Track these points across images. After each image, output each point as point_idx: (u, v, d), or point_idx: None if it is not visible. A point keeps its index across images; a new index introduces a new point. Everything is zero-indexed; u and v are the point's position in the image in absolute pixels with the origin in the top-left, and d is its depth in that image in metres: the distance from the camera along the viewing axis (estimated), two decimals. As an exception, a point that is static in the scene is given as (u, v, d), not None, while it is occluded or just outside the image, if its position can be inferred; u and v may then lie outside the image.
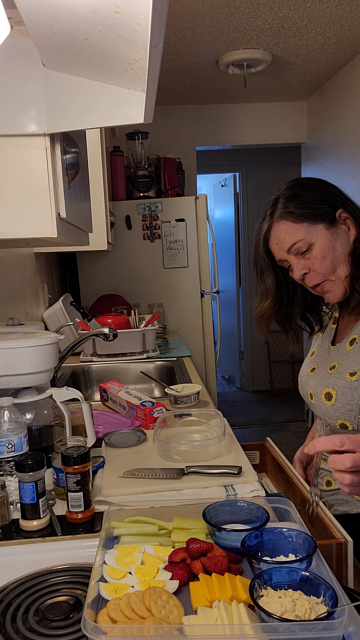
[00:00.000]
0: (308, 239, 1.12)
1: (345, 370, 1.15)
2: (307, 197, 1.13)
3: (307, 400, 1.30)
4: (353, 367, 1.13)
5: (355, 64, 3.24)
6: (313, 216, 1.12)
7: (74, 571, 0.83)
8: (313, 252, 1.12)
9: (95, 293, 3.23)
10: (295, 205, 1.13)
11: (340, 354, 1.19)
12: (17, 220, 0.93)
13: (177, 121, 3.98)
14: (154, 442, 1.24)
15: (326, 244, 1.12)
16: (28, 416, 1.17)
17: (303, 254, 1.13)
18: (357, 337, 1.16)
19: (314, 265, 1.13)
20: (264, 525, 0.83)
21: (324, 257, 1.12)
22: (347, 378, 1.13)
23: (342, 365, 1.17)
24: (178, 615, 0.67)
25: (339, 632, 0.61)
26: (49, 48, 0.78)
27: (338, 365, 1.18)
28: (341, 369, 1.16)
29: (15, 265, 2.06)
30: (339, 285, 1.14)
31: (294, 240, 1.12)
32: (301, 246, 1.12)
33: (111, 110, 0.84)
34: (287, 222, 1.13)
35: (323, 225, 1.12)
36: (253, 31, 2.76)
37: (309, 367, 1.31)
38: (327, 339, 1.29)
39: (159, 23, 0.59)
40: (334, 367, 1.18)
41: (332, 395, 1.15)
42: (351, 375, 1.13)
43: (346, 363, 1.16)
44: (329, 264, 1.12)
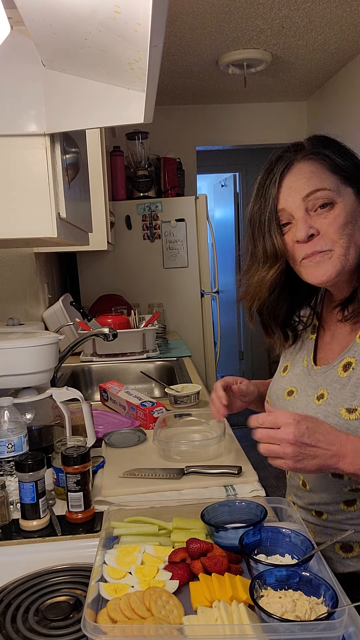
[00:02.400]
0: (334, 194, 0.89)
1: (339, 404, 0.92)
2: (346, 149, 0.94)
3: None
4: (350, 402, 0.91)
5: (355, 64, 3.24)
6: (347, 173, 0.91)
7: (74, 571, 0.83)
8: (335, 211, 0.89)
9: (95, 293, 3.23)
10: (332, 150, 0.92)
11: (330, 380, 0.96)
12: (17, 220, 0.93)
13: (177, 121, 3.98)
14: (154, 442, 1.24)
15: (351, 210, 0.91)
16: (28, 416, 1.17)
17: (318, 212, 0.90)
18: (354, 361, 0.93)
19: (331, 228, 0.89)
20: (262, 522, 0.83)
21: (345, 224, 0.89)
22: (344, 415, 0.90)
23: (334, 397, 0.94)
24: (178, 615, 0.67)
25: (339, 632, 0.61)
26: (49, 48, 0.78)
27: (328, 396, 0.94)
28: (333, 401, 0.93)
29: (15, 265, 2.06)
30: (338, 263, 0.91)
31: (319, 186, 0.89)
32: (324, 197, 0.89)
33: (111, 110, 0.84)
34: (318, 164, 0.91)
35: (352, 190, 0.92)
36: (253, 31, 2.76)
37: (284, 389, 1.06)
38: (304, 352, 1.05)
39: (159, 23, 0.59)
40: (322, 396, 0.96)
41: None
42: (350, 412, 0.90)
43: (340, 394, 0.93)
44: (347, 234, 0.90)
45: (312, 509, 1.02)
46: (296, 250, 0.93)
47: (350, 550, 0.99)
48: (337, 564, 1.00)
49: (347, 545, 0.99)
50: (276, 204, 0.93)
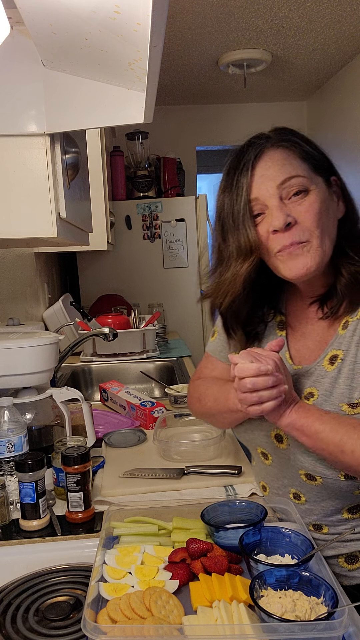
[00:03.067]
0: (308, 180, 0.86)
1: (337, 400, 0.88)
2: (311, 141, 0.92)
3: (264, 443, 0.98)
4: (350, 395, 0.87)
5: (355, 64, 3.24)
6: (317, 161, 0.89)
7: (74, 571, 0.83)
8: (310, 198, 0.86)
9: (95, 293, 3.23)
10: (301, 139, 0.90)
11: (316, 377, 0.92)
12: (17, 220, 0.93)
13: (177, 121, 3.98)
14: (154, 442, 1.24)
15: (324, 199, 0.88)
16: (28, 416, 1.17)
17: (292, 200, 0.87)
18: (341, 352, 0.90)
19: (307, 215, 0.86)
20: (262, 522, 0.83)
21: (320, 212, 0.86)
22: (347, 411, 0.87)
23: (325, 393, 0.90)
24: (178, 615, 0.67)
25: (339, 632, 0.61)
26: (49, 48, 0.78)
27: (319, 393, 0.91)
28: (327, 399, 0.89)
29: (15, 265, 2.06)
30: (316, 255, 0.87)
31: (293, 173, 0.86)
32: (298, 184, 0.86)
33: (111, 110, 0.84)
34: (289, 151, 0.88)
35: (322, 179, 0.89)
36: (253, 31, 2.76)
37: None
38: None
39: (159, 23, 0.59)
40: (312, 395, 0.91)
41: None
42: (352, 407, 0.87)
43: (334, 390, 0.89)
44: (323, 224, 0.87)
45: (309, 523, 0.97)
46: (271, 242, 0.88)
47: (355, 561, 0.96)
48: (342, 578, 0.97)
49: (352, 557, 0.96)
50: (249, 194, 0.88)
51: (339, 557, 0.97)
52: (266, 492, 1.05)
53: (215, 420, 1.09)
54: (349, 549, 0.96)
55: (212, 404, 1.03)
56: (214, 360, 1.13)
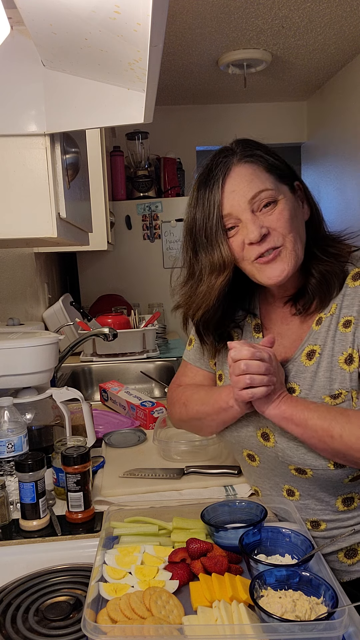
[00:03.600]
0: (275, 192, 0.90)
1: (319, 392, 0.91)
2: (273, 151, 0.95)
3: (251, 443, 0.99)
4: (330, 387, 0.91)
5: (355, 64, 3.24)
6: (281, 171, 0.93)
7: (74, 571, 0.83)
8: (279, 207, 0.90)
9: (95, 293, 3.23)
10: (263, 152, 0.93)
11: (295, 372, 0.95)
12: (17, 220, 0.93)
13: (177, 121, 3.98)
14: (154, 442, 1.24)
15: (292, 205, 0.92)
16: (28, 416, 1.17)
17: (263, 211, 0.90)
18: (318, 347, 0.93)
19: (279, 223, 0.90)
20: (262, 522, 0.83)
21: (290, 218, 0.90)
22: (329, 402, 0.90)
23: (308, 387, 0.93)
24: (178, 615, 0.67)
25: (339, 632, 0.61)
26: (49, 48, 0.78)
27: (300, 388, 0.93)
28: (311, 392, 0.92)
29: (15, 265, 2.06)
30: (291, 259, 0.91)
31: (262, 187, 0.90)
32: (268, 196, 0.90)
33: (111, 111, 0.84)
34: (255, 165, 0.91)
35: (287, 188, 0.93)
36: (253, 31, 2.76)
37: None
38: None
39: (159, 23, 0.59)
40: (294, 390, 0.94)
41: None
42: (334, 398, 0.90)
43: (315, 383, 0.92)
44: (294, 229, 0.91)
45: (306, 520, 0.97)
46: (247, 252, 0.92)
47: (355, 555, 0.97)
48: (342, 574, 0.98)
49: (351, 551, 0.97)
50: (221, 210, 0.91)
51: (338, 552, 0.98)
52: (260, 496, 1.04)
53: (202, 425, 1.07)
54: (348, 543, 0.97)
55: (200, 407, 1.04)
56: (193, 368, 1.14)
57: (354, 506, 0.96)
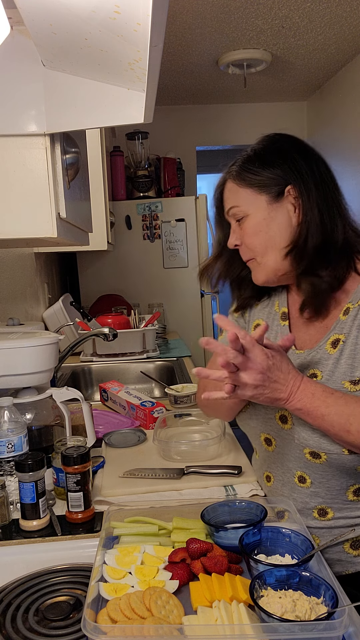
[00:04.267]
0: (244, 208, 1.00)
1: (339, 378, 0.94)
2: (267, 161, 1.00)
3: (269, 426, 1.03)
4: (352, 374, 0.93)
5: (355, 64, 3.24)
6: (259, 184, 0.99)
7: (74, 571, 0.83)
8: (245, 224, 1.00)
9: (95, 293, 3.23)
10: (247, 168, 1.00)
11: (319, 359, 0.98)
12: (17, 220, 0.93)
13: (177, 121, 3.98)
14: (154, 442, 1.24)
15: (259, 220, 0.99)
16: (28, 416, 1.17)
17: (239, 223, 1.02)
18: (343, 336, 0.96)
19: (244, 239, 1.01)
20: (262, 521, 0.83)
21: (254, 234, 0.99)
22: (349, 388, 0.93)
23: (328, 373, 0.95)
24: (178, 615, 0.67)
25: (339, 632, 0.61)
26: (49, 48, 0.78)
27: (322, 374, 0.96)
28: (330, 377, 0.95)
29: (15, 265, 2.06)
30: (261, 271, 1.01)
31: (231, 204, 1.02)
32: (236, 213, 1.01)
33: (111, 111, 0.84)
34: (232, 182, 1.02)
35: (266, 197, 0.98)
36: (253, 31, 2.76)
37: None
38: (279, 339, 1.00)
39: (159, 23, 0.59)
40: (315, 375, 0.97)
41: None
42: (354, 384, 0.92)
43: (336, 369, 0.95)
44: (260, 243, 0.99)
45: (314, 508, 0.99)
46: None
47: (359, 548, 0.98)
48: (347, 565, 0.99)
49: (357, 542, 0.98)
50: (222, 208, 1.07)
51: (344, 543, 0.98)
52: (270, 483, 1.06)
53: (215, 410, 1.14)
54: (355, 534, 0.98)
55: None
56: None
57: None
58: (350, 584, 0.93)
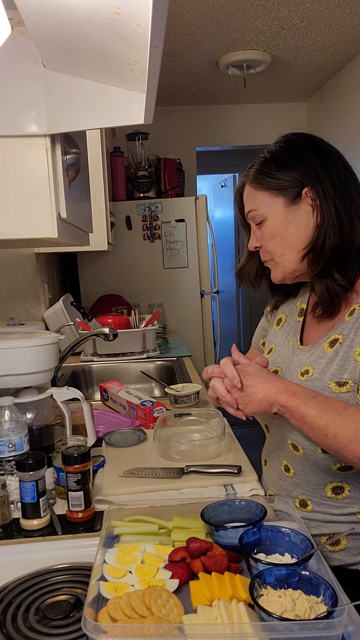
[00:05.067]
0: (262, 211, 1.02)
1: (327, 378, 0.95)
2: (282, 163, 1.01)
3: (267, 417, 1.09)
4: (340, 375, 0.94)
5: (355, 64, 3.24)
6: (276, 187, 1.00)
7: (75, 570, 0.83)
8: (263, 228, 1.03)
9: (95, 293, 3.23)
10: (264, 172, 1.02)
11: (315, 357, 1.00)
12: (17, 220, 0.93)
13: (177, 122, 3.99)
14: (154, 441, 1.24)
15: (277, 223, 1.01)
16: (29, 416, 1.17)
17: (258, 226, 1.04)
18: (342, 337, 0.97)
19: (263, 242, 1.04)
20: (262, 521, 0.83)
21: (272, 237, 1.02)
22: (334, 389, 0.94)
23: (319, 371, 0.97)
24: (178, 614, 0.67)
25: (339, 631, 0.61)
26: (50, 49, 0.78)
27: (313, 371, 0.98)
28: (320, 376, 0.97)
29: (16, 265, 2.07)
30: (278, 271, 1.04)
31: (249, 208, 1.04)
32: (255, 216, 1.04)
33: (111, 111, 0.84)
34: (250, 187, 1.04)
35: (283, 200, 1.00)
36: (253, 32, 2.77)
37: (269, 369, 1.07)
38: (292, 334, 1.11)
39: (159, 24, 0.59)
40: (307, 372, 0.99)
41: None
42: (340, 386, 0.94)
43: (326, 369, 0.97)
44: (278, 245, 1.02)
45: (296, 497, 1.03)
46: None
47: (338, 543, 1.00)
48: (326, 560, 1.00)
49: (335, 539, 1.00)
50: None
51: (320, 537, 1.01)
52: (266, 467, 1.14)
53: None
54: (330, 530, 1.00)
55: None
56: (252, 348, 1.33)
57: (343, 496, 0.98)
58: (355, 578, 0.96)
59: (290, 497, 1.03)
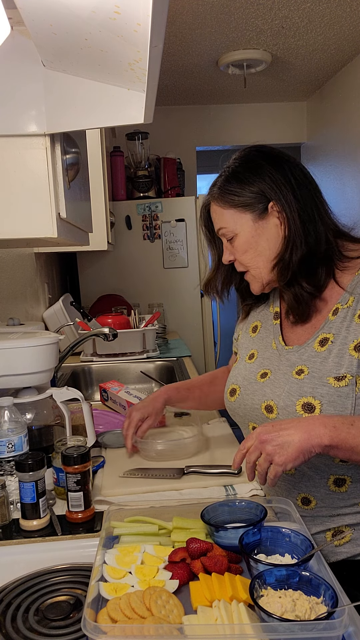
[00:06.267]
0: (232, 228, 1.05)
1: (325, 375, 0.98)
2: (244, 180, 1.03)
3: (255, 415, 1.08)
4: (337, 371, 0.97)
5: (355, 64, 3.24)
6: (242, 205, 1.03)
7: (74, 571, 0.83)
8: (235, 243, 1.06)
9: (95, 293, 3.23)
10: (228, 190, 1.04)
11: (307, 356, 1.02)
12: (17, 220, 0.93)
13: (177, 121, 3.98)
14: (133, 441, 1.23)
15: (248, 238, 1.05)
16: (28, 416, 1.17)
17: (229, 241, 1.07)
18: (332, 336, 1.01)
19: (237, 256, 1.08)
20: (262, 521, 0.83)
21: (245, 251, 1.06)
22: (333, 384, 0.97)
23: (316, 370, 0.99)
24: (178, 614, 0.67)
25: (339, 632, 0.61)
26: (49, 48, 0.78)
27: (309, 370, 1.00)
28: (317, 373, 0.99)
29: (16, 265, 2.06)
30: (258, 281, 1.08)
31: (219, 226, 1.08)
32: (226, 233, 1.07)
33: (111, 111, 0.84)
34: (215, 205, 1.07)
35: (251, 216, 1.04)
36: (253, 31, 2.76)
37: (255, 372, 1.10)
38: (270, 337, 1.13)
39: (159, 23, 0.59)
40: (302, 371, 1.01)
41: (315, 405, 0.97)
42: (338, 380, 0.96)
43: (323, 367, 0.99)
44: (251, 259, 1.06)
45: (297, 495, 1.03)
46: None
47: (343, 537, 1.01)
48: (328, 554, 1.01)
49: (338, 532, 1.01)
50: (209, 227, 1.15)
51: (325, 532, 1.01)
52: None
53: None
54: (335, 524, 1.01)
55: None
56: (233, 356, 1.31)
57: (345, 488, 0.99)
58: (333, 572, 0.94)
59: (291, 495, 1.03)
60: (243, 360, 1.16)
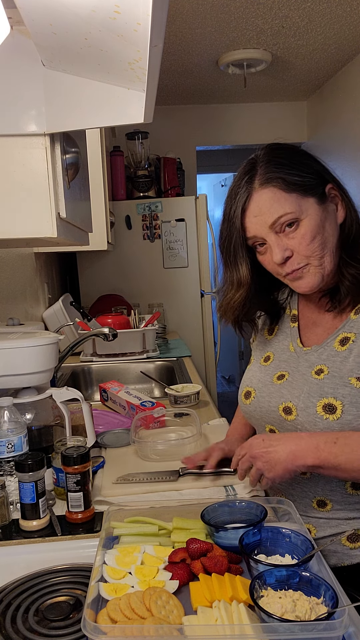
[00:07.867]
0: (297, 213, 0.93)
1: (346, 375, 0.95)
2: (297, 162, 0.96)
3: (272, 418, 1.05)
4: (358, 371, 0.95)
5: (355, 64, 3.24)
6: (304, 186, 0.94)
7: (74, 571, 0.83)
8: (301, 230, 0.94)
9: (95, 293, 3.23)
10: (284, 171, 0.94)
11: (326, 356, 1.00)
12: (17, 220, 0.93)
13: (177, 121, 3.98)
14: (131, 442, 1.23)
15: (317, 222, 0.94)
16: (28, 416, 1.17)
17: (286, 232, 0.95)
18: (354, 335, 0.98)
19: (301, 246, 0.94)
20: (262, 521, 0.82)
21: (313, 238, 0.94)
22: (355, 384, 0.94)
23: (337, 369, 0.97)
24: (178, 615, 0.67)
25: (339, 632, 0.61)
26: (49, 48, 0.78)
27: (329, 369, 0.98)
28: (338, 373, 0.97)
29: (15, 265, 2.06)
30: (317, 274, 0.96)
31: (281, 213, 0.93)
32: (288, 219, 0.94)
33: (111, 110, 0.84)
34: (275, 189, 0.94)
35: (314, 199, 0.95)
36: (253, 31, 2.76)
37: (272, 375, 1.07)
38: (288, 340, 1.10)
39: (159, 23, 0.59)
40: (322, 371, 0.99)
41: (337, 406, 0.94)
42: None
43: (343, 366, 0.97)
44: (318, 246, 0.94)
45: (313, 498, 1.01)
46: (277, 269, 0.99)
47: (357, 540, 0.99)
48: (343, 557, 1.00)
49: (354, 535, 0.99)
50: (244, 234, 0.98)
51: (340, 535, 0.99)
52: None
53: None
54: (351, 526, 0.99)
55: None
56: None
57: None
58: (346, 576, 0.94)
59: (306, 498, 1.02)
60: (258, 363, 1.14)
